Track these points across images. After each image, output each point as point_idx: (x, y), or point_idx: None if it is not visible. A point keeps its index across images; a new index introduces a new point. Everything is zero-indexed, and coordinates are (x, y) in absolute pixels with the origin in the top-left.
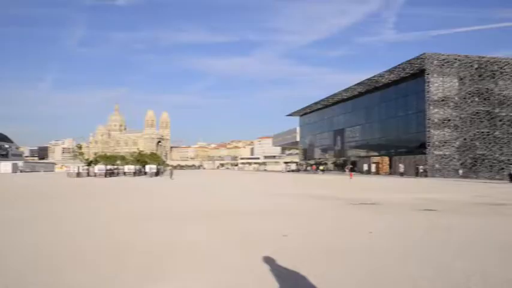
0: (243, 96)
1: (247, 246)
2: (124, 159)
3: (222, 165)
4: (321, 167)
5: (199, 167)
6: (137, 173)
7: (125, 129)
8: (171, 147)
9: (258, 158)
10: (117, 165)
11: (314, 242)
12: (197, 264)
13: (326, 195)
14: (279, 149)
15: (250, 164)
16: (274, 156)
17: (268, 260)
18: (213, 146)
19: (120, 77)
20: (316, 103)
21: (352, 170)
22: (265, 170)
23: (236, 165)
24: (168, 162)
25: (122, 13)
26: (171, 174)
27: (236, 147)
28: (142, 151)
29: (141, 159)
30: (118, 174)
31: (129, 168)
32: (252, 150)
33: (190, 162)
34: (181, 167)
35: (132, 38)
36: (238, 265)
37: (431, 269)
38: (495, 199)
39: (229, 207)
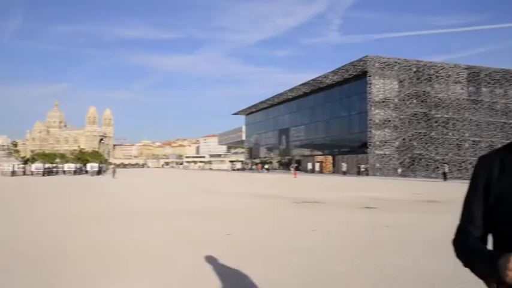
0: (189, 94)
1: (191, 246)
2: (64, 158)
3: (167, 163)
4: (266, 166)
5: (143, 165)
6: (78, 172)
7: (65, 126)
8: (114, 145)
9: (204, 157)
10: (57, 163)
11: (257, 241)
12: (139, 265)
13: (270, 194)
14: (224, 147)
15: (195, 162)
16: (219, 155)
17: (211, 259)
18: (157, 144)
19: (61, 72)
20: (262, 102)
21: (297, 169)
22: (210, 168)
23: (181, 163)
24: (111, 160)
25: (62, 5)
26: (114, 172)
27: (181, 145)
28: (83, 149)
29: (82, 158)
30: (57, 173)
31: (69, 166)
32: (197, 148)
33: (134, 161)
34: (125, 166)
35: (74, 32)
36: (181, 264)
37: (368, 265)
38: (430, 197)
39: (172, 206)
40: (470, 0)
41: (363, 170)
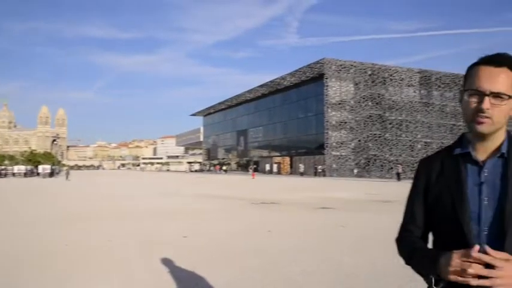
0: (147, 94)
1: (147, 248)
2: (13, 159)
3: (123, 165)
4: (224, 167)
5: (98, 167)
6: (29, 174)
7: (15, 126)
8: (68, 147)
9: (161, 158)
10: (5, 165)
11: (214, 242)
12: (95, 267)
13: (228, 195)
14: (182, 149)
15: (152, 164)
16: (177, 156)
17: (167, 262)
18: (113, 145)
19: (11, 71)
20: (220, 103)
21: (255, 170)
22: (168, 170)
23: (138, 165)
24: (65, 162)
25: (15, 2)
26: (67, 174)
27: (138, 146)
28: (34, 150)
29: (33, 159)
30: (6, 175)
31: (19, 168)
32: (154, 150)
33: (89, 162)
34: (79, 167)
35: (28, 29)
36: (138, 267)
37: (324, 265)
38: (384, 196)
39: (129, 208)
40: (424, 7)
41: (319, 170)
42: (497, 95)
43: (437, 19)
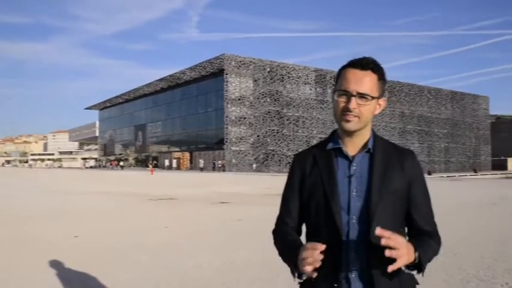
0: (36, 85)
1: (36, 250)
2: None
3: (8, 162)
4: (121, 163)
5: None
6: None
7: None
8: None
9: (53, 154)
10: None
11: (107, 240)
12: None
13: (125, 191)
14: (76, 144)
15: (43, 160)
16: (71, 152)
17: (56, 264)
18: None
19: None
20: (117, 97)
21: (155, 166)
22: (60, 166)
23: (26, 161)
24: None
25: None
26: None
27: (26, 142)
28: None
29: None
30: None
31: None
32: (45, 145)
33: None
34: None
35: None
36: (24, 269)
37: (220, 258)
38: (280, 190)
39: (17, 209)
40: (320, 8)
41: (219, 165)
42: (362, 96)
43: (333, 21)
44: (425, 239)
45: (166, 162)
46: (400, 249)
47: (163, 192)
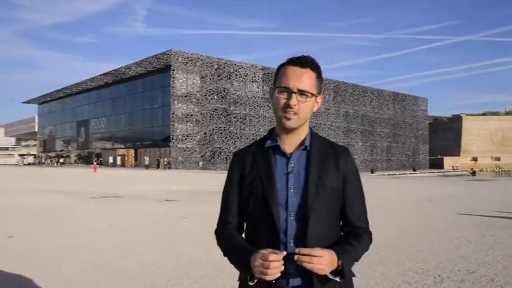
0: None
1: None
2: None
3: None
4: (61, 160)
5: None
6: None
7: None
8: None
9: None
10: None
11: (45, 240)
12: None
13: (65, 189)
14: (13, 139)
15: None
16: (7, 148)
17: None
18: None
19: None
20: (58, 91)
21: (100, 163)
22: None
23: None
24: None
25: None
26: None
27: None
28: None
29: None
30: None
31: None
32: None
33: None
34: None
35: None
36: None
37: (164, 256)
38: None
39: None
40: (269, 7)
41: (165, 163)
42: (302, 93)
43: (279, 20)
44: (352, 241)
45: (111, 159)
46: (319, 264)
47: (106, 190)
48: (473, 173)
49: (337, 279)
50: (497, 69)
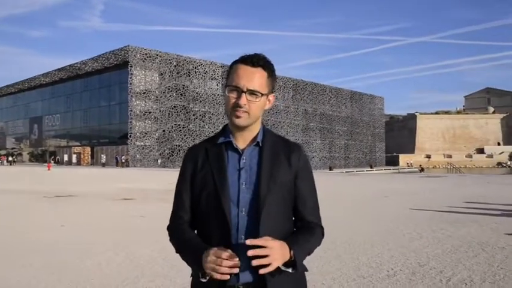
0: None
1: None
2: None
3: None
4: (10, 158)
5: None
6: None
7: None
8: None
9: None
10: None
11: None
12: None
13: (18, 189)
14: None
15: None
16: None
17: None
18: None
19: None
20: (9, 86)
21: (57, 161)
22: None
23: None
24: None
25: None
26: None
27: None
28: None
29: None
30: None
31: None
32: None
33: None
34: None
35: None
36: None
37: (120, 256)
38: None
39: None
40: (229, 4)
41: (123, 161)
42: (252, 92)
43: (239, 18)
44: (304, 235)
45: (66, 158)
46: (271, 255)
47: (61, 189)
48: (422, 170)
49: (289, 270)
50: (450, 70)
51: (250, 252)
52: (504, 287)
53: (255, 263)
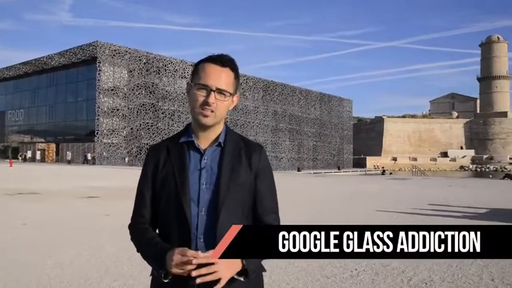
0: None
1: None
2: None
3: None
4: None
5: None
6: None
7: None
8: None
9: None
10: None
11: None
12: None
13: None
14: None
15: None
16: None
17: None
18: None
19: None
20: None
21: (24, 158)
22: None
23: None
24: None
25: None
26: None
27: None
28: None
29: None
30: None
31: None
32: None
33: None
34: None
35: None
36: None
37: (84, 254)
38: None
39: None
40: (199, 3)
41: (89, 158)
42: (221, 92)
43: (211, 17)
44: None
45: (29, 154)
46: (219, 271)
47: (23, 186)
48: (383, 172)
49: (241, 279)
50: (416, 74)
51: (198, 280)
52: (462, 287)
53: (204, 280)
